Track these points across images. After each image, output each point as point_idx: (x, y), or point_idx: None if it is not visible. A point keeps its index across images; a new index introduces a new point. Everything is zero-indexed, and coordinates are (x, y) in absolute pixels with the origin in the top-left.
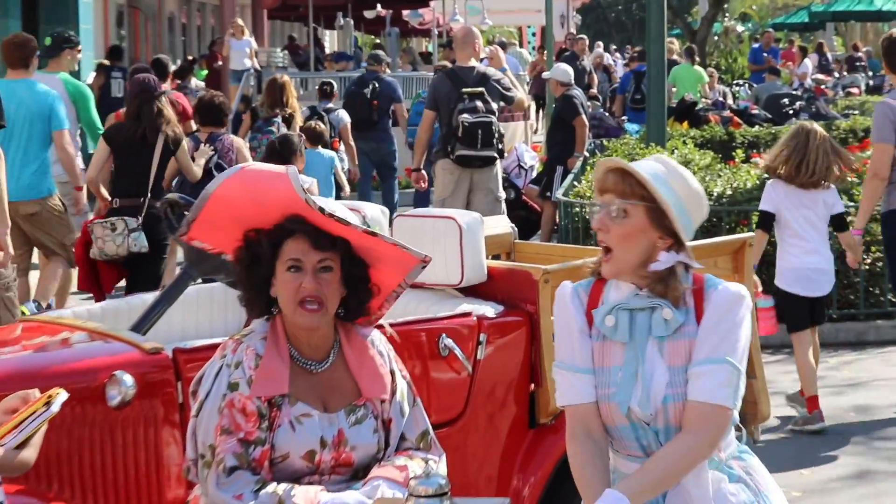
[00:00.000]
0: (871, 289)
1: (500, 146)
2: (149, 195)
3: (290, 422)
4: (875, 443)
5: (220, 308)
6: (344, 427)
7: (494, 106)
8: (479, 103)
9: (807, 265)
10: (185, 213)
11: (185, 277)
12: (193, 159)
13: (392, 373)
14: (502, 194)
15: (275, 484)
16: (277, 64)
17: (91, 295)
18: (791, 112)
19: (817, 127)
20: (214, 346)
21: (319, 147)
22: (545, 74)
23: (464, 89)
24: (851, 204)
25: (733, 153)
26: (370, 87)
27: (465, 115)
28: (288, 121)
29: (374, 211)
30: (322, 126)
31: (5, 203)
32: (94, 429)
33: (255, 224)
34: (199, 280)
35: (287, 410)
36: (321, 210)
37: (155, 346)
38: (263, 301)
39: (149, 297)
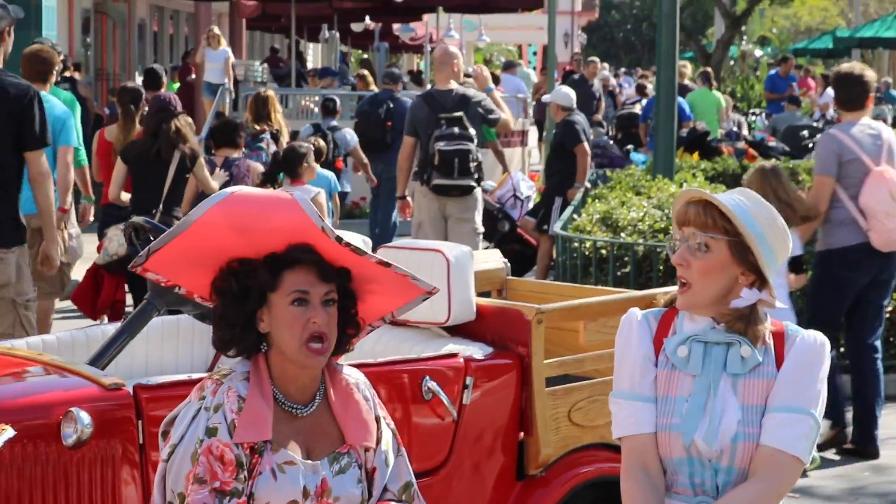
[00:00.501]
0: (891, 339)
1: (477, 175)
2: (160, 209)
3: (272, 469)
4: None
5: (186, 342)
6: (328, 476)
7: (473, 132)
8: (456, 129)
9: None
10: (151, 237)
11: (149, 308)
12: None
13: (377, 419)
14: (480, 227)
15: None
16: (256, 79)
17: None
18: (811, 145)
19: (775, 171)
20: (179, 384)
21: (318, 166)
22: (545, 98)
23: (441, 115)
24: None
25: None
26: (384, 106)
27: (440, 143)
28: (275, 137)
29: (356, 239)
30: (322, 143)
31: (54, 220)
32: (47, 469)
33: (242, 254)
34: (164, 312)
35: (269, 458)
36: (338, 239)
37: (115, 382)
38: (251, 339)
39: (109, 329)
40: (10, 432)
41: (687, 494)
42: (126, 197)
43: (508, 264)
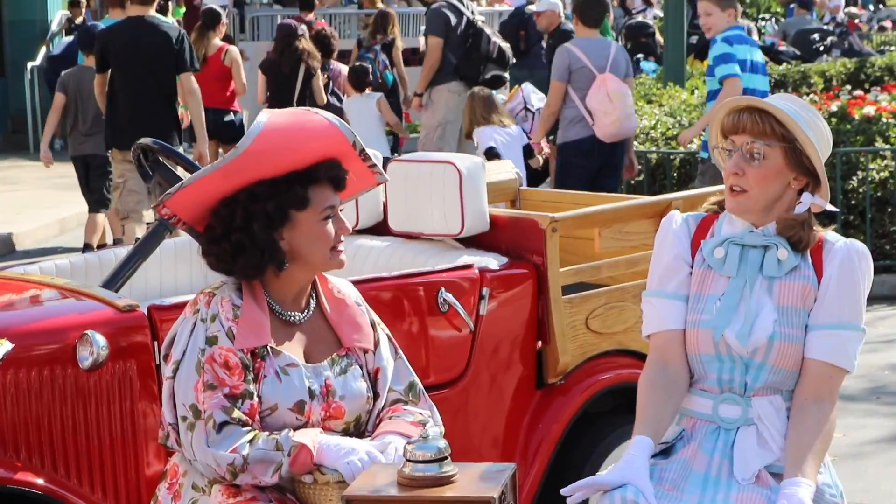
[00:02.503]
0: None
1: None
2: None
3: (276, 372)
4: None
5: (199, 263)
6: (330, 377)
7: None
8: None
9: None
10: (160, 158)
11: (161, 230)
12: None
13: (372, 324)
14: None
15: (268, 433)
16: (262, 0)
17: None
18: (821, 48)
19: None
20: None
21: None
22: (532, 7)
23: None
24: None
25: None
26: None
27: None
28: (388, 48)
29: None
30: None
31: (204, 125)
32: (63, 392)
33: (266, 175)
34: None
35: (271, 361)
36: (363, 154)
37: (129, 304)
38: (277, 259)
39: (122, 252)
40: (7, 345)
41: (713, 391)
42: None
43: (521, 174)
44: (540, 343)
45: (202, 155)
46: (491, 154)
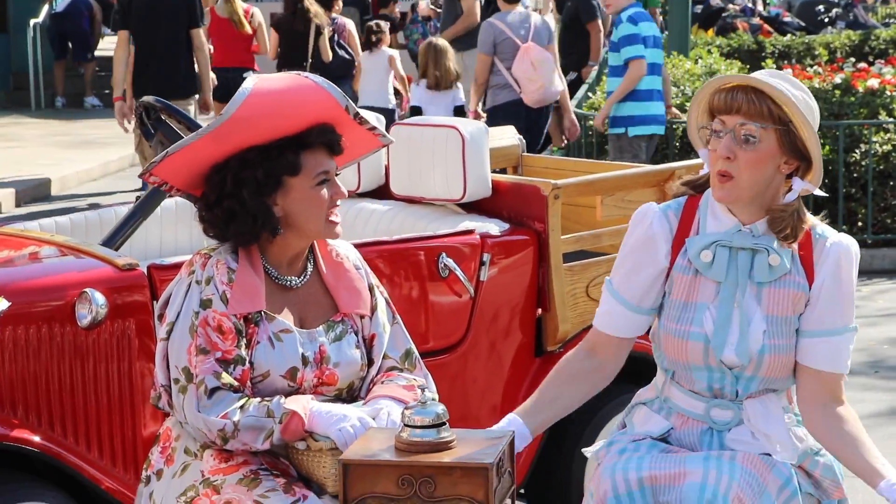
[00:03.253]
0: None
1: None
2: (307, 67)
3: (269, 338)
4: None
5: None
6: (325, 343)
7: None
8: None
9: None
10: (162, 116)
11: (162, 188)
12: None
13: (370, 288)
14: None
15: (259, 399)
16: None
17: None
18: (826, 20)
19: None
20: None
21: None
22: None
23: None
24: None
25: (762, 64)
26: None
27: None
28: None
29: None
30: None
31: (210, 74)
32: (62, 350)
33: (253, 143)
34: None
35: (265, 327)
36: (357, 117)
37: (129, 262)
38: (270, 226)
39: (122, 210)
40: (4, 303)
41: (704, 396)
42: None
43: (524, 141)
44: (540, 310)
45: (207, 102)
46: (413, 112)
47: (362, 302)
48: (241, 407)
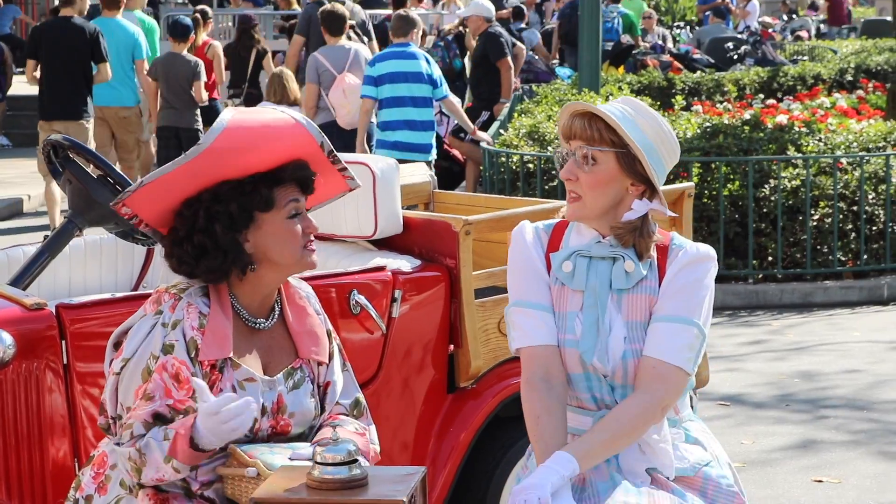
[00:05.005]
0: (818, 247)
1: None
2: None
3: (233, 386)
4: (820, 411)
5: (109, 262)
6: (283, 392)
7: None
8: None
9: None
10: (70, 155)
11: (70, 227)
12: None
13: (328, 334)
14: None
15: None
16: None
17: None
18: (735, 57)
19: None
20: (102, 303)
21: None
22: (461, 12)
23: None
24: None
25: (672, 100)
26: None
27: None
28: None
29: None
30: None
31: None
32: None
33: (230, 176)
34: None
35: (230, 374)
36: (333, 158)
37: (37, 302)
38: (242, 262)
39: (30, 250)
40: None
41: (590, 409)
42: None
43: (435, 177)
44: (452, 346)
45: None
46: None
47: (322, 349)
48: (143, 435)
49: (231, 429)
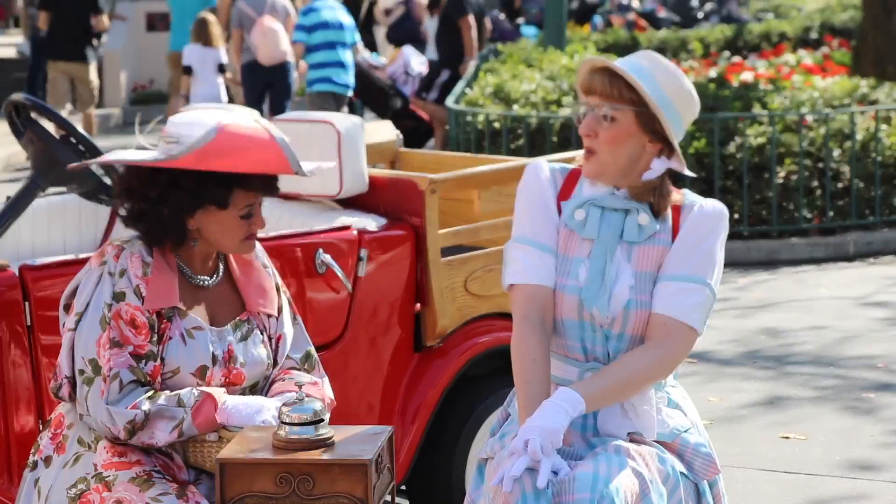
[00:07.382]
0: (784, 204)
1: None
2: None
3: (182, 334)
4: (786, 367)
5: (73, 223)
6: (232, 342)
7: None
8: None
9: None
10: (31, 115)
11: (33, 188)
12: None
13: (277, 287)
14: None
15: (169, 391)
16: None
17: None
18: (700, 15)
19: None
20: (66, 263)
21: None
22: None
23: None
24: None
25: None
26: None
27: None
28: None
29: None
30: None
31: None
32: None
33: (197, 168)
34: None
35: (178, 323)
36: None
37: (0, 264)
38: (180, 236)
39: None
40: None
41: (578, 359)
42: None
43: (401, 135)
44: (418, 305)
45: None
46: (187, 70)
47: (270, 301)
48: (150, 397)
49: (259, 420)
